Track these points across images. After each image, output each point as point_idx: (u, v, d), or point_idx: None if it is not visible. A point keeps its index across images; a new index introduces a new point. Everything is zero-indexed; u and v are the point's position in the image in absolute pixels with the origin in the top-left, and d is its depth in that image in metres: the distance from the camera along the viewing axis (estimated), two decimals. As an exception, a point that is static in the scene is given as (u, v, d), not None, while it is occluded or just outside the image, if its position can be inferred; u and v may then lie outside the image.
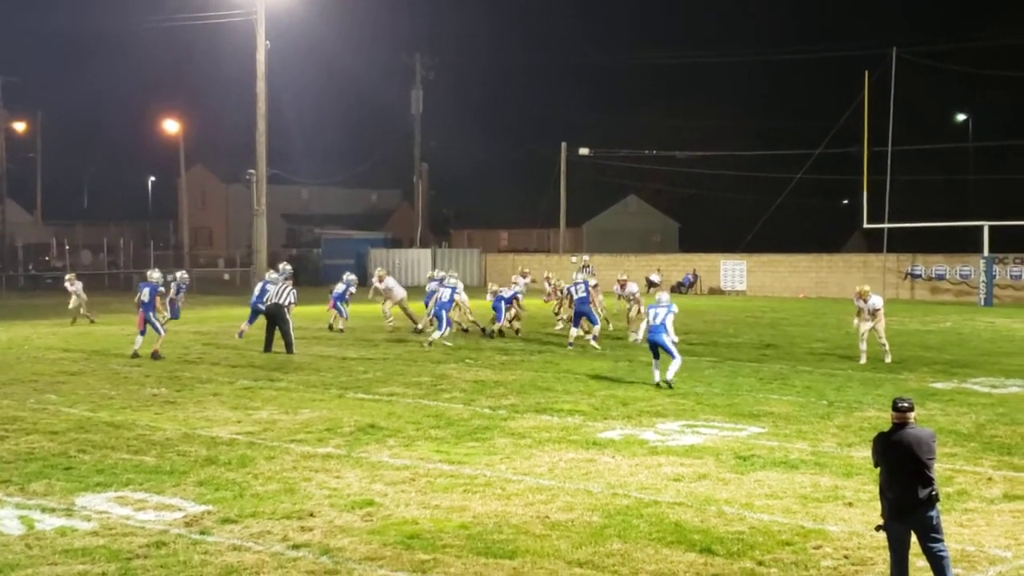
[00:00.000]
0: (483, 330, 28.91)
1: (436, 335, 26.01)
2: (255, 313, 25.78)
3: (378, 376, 20.82)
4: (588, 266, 41.55)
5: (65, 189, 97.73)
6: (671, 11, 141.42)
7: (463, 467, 12.68)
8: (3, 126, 71.70)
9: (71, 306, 33.40)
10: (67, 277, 34.72)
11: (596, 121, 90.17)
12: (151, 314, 23.94)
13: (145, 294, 24.12)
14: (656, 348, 19.59)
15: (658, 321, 19.56)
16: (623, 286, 30.72)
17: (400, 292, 30.66)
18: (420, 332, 28.06)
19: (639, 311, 28.51)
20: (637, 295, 30.41)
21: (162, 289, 25.48)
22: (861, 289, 23.45)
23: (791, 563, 9.16)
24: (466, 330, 29.31)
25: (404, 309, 30.50)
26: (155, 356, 23.42)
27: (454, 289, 27.08)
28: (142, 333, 23.90)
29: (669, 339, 19.46)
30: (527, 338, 28.29)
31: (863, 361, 22.69)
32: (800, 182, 57.35)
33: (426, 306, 29.03)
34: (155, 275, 25.24)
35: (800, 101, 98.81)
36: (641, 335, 24.21)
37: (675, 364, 19.27)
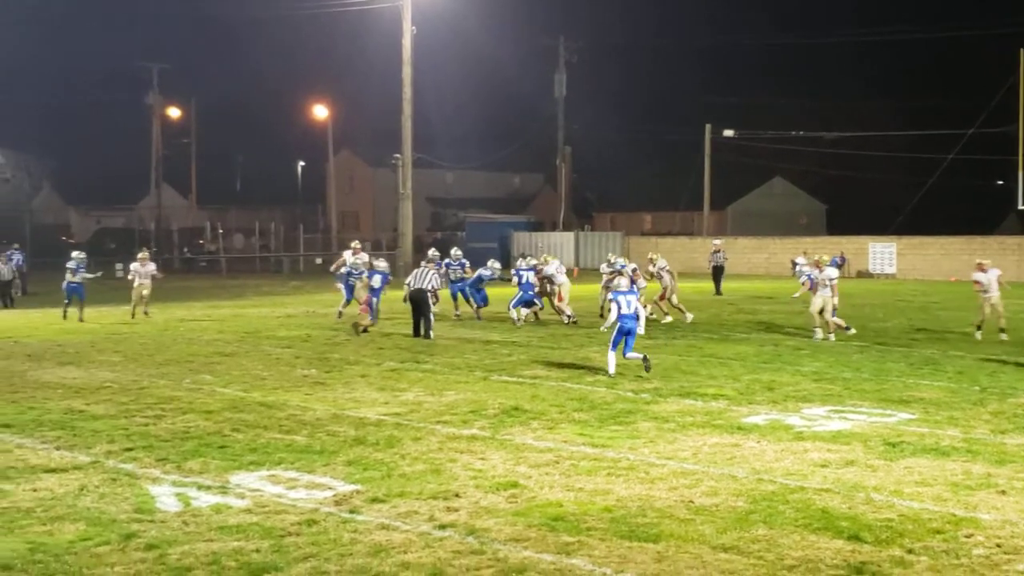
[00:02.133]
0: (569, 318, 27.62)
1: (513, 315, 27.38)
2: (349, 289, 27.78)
3: (522, 359, 20.95)
4: (720, 251, 41.16)
5: (218, 174, 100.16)
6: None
7: (606, 450, 12.71)
8: (159, 113, 73.82)
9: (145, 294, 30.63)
10: (140, 257, 31.72)
11: (741, 102, 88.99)
12: (375, 300, 26.21)
13: (377, 280, 26.24)
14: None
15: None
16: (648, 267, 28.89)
17: (561, 278, 29.40)
18: (573, 322, 27.39)
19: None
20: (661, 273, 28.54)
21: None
22: (981, 262, 24.59)
23: (941, 551, 8.99)
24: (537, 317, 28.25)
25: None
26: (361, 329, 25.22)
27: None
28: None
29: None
30: (669, 322, 28.07)
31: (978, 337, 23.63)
32: (953, 162, 55.96)
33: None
34: (382, 264, 27.30)
35: (953, 80, 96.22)
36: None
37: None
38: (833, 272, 24.83)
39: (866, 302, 35.86)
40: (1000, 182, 76.75)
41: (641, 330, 19.14)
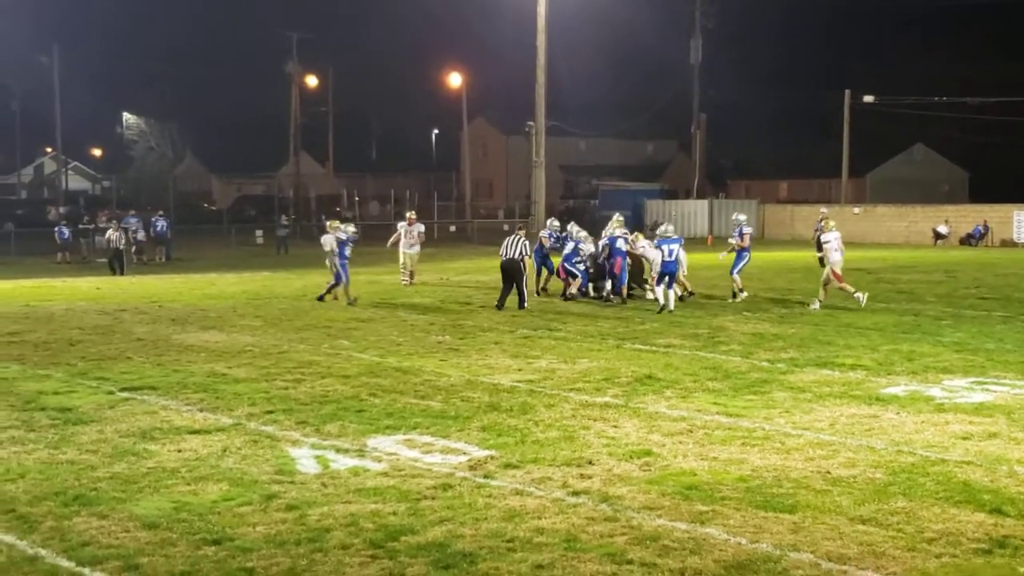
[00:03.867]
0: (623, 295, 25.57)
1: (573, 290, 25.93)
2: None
3: (655, 327, 20.86)
4: (825, 219, 38.62)
5: (355, 142, 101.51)
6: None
7: (741, 420, 12.61)
8: (297, 81, 74.92)
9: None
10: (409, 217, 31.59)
11: (881, 68, 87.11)
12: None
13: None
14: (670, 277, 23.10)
15: (673, 256, 23.12)
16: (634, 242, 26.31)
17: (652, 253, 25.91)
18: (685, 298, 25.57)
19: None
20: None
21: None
22: None
23: (1089, 529, 8.74)
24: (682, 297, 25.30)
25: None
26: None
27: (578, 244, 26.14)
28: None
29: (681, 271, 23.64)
30: (807, 291, 27.68)
31: None
32: (1102, 128, 53.97)
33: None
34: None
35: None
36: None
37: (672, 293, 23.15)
38: (826, 237, 25.31)
39: (1010, 271, 34.89)
40: None
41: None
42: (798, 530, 8.69)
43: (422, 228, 30.93)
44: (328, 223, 27.31)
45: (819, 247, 34.17)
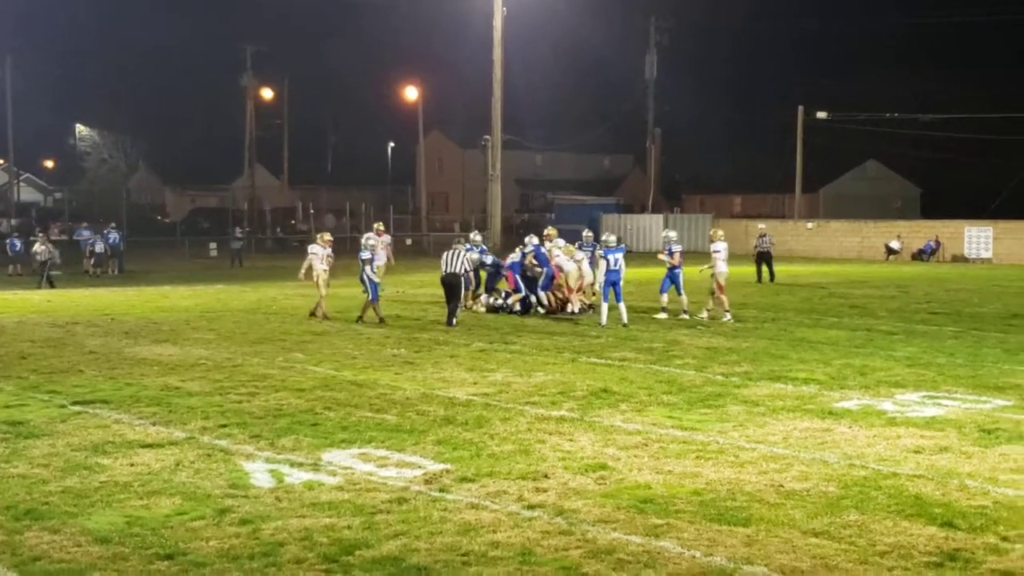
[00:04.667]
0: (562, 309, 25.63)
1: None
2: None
3: (610, 341, 20.92)
4: (765, 235, 37.96)
5: (310, 154, 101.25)
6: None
7: (695, 433, 12.66)
8: (252, 94, 74.68)
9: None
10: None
11: (834, 84, 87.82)
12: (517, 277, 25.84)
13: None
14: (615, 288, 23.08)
15: (617, 266, 22.99)
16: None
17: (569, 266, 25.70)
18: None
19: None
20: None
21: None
22: None
23: (1038, 541, 8.83)
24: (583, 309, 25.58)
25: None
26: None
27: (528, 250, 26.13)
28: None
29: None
30: (760, 306, 27.90)
31: None
32: (1052, 145, 54.73)
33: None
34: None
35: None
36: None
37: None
38: (716, 246, 25.04)
39: (961, 287, 35.28)
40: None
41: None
42: (752, 543, 8.73)
43: (387, 240, 30.86)
44: (319, 235, 26.78)
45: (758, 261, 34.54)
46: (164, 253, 55.67)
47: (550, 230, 27.67)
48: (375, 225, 31.89)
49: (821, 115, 67.67)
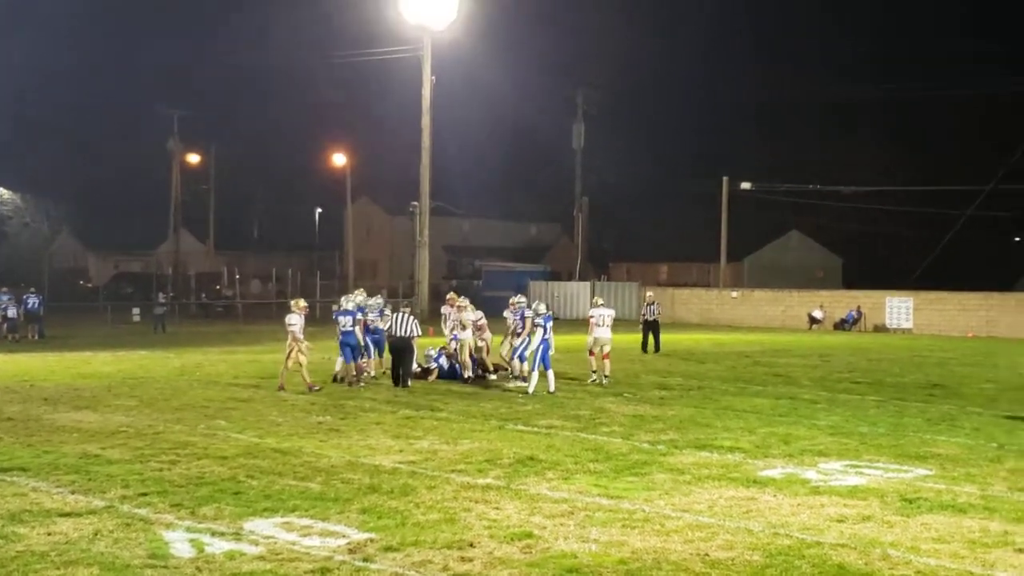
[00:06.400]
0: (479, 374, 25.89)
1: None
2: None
3: (537, 408, 20.91)
4: (653, 303, 36.11)
5: (236, 219, 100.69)
6: (832, 45, 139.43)
7: (622, 502, 12.65)
8: (178, 158, 74.31)
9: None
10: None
11: (758, 155, 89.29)
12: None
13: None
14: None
15: (547, 335, 23.45)
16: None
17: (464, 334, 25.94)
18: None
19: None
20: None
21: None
22: None
23: (959, 610, 8.90)
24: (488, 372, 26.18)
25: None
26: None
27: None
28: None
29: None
30: (686, 374, 28.07)
31: None
32: (970, 218, 55.88)
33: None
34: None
35: (971, 136, 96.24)
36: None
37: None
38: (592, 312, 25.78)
39: (883, 356, 35.75)
40: (1018, 239, 76.69)
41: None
42: (677, 613, 8.72)
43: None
44: (292, 302, 26.01)
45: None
46: (86, 318, 54.90)
47: (452, 295, 28.01)
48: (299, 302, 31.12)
49: (745, 185, 68.77)
